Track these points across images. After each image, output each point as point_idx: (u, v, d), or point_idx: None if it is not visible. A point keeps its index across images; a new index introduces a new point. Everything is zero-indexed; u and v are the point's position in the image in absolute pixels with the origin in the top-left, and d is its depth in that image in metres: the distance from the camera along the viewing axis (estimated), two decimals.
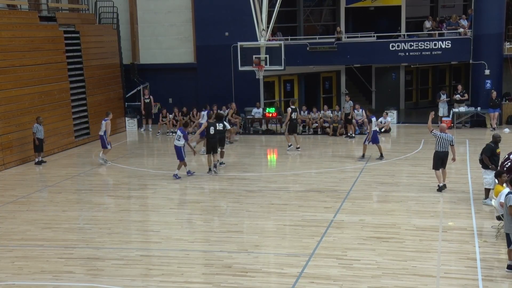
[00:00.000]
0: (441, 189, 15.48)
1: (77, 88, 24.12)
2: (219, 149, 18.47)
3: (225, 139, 20.10)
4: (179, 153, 17.67)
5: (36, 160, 20.27)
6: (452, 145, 15.41)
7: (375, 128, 19.50)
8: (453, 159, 15.62)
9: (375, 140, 19.41)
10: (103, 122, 19.93)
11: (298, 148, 21.46)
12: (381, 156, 19.52)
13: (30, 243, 12.52)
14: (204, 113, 23.49)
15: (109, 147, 20.03)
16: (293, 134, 21.56)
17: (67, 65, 23.43)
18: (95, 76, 25.31)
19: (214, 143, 18.03)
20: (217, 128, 18.23)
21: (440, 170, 15.53)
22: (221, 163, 18.84)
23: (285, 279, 10.30)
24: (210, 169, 18.13)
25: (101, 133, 19.95)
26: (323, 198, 15.39)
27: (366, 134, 24.48)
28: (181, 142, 17.66)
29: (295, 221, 13.52)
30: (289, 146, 21.54)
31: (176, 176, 17.71)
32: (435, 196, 15.06)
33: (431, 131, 15.58)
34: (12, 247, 12.32)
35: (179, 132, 17.84)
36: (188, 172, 17.97)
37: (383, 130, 24.64)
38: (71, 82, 23.67)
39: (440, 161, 15.44)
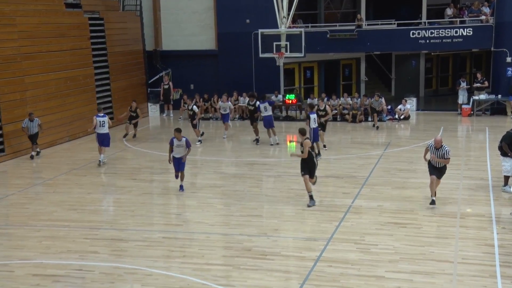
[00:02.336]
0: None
1: (101, 74, 24.55)
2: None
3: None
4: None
5: (32, 153, 19.47)
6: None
7: (314, 125, 18.04)
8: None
9: (315, 137, 17.93)
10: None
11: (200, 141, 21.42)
12: (319, 154, 18.17)
13: (57, 224, 12.92)
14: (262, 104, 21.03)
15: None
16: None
17: (92, 51, 23.86)
18: (119, 62, 25.68)
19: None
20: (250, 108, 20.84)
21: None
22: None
23: (304, 263, 10.50)
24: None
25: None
26: (342, 184, 15.58)
27: (384, 121, 24.61)
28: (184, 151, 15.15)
29: (314, 206, 13.73)
30: (199, 141, 21.33)
31: (181, 188, 15.43)
32: (453, 183, 15.11)
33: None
34: (40, 227, 12.74)
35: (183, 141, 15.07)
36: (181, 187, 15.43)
37: (402, 117, 24.72)
38: (96, 68, 24.10)
39: None
